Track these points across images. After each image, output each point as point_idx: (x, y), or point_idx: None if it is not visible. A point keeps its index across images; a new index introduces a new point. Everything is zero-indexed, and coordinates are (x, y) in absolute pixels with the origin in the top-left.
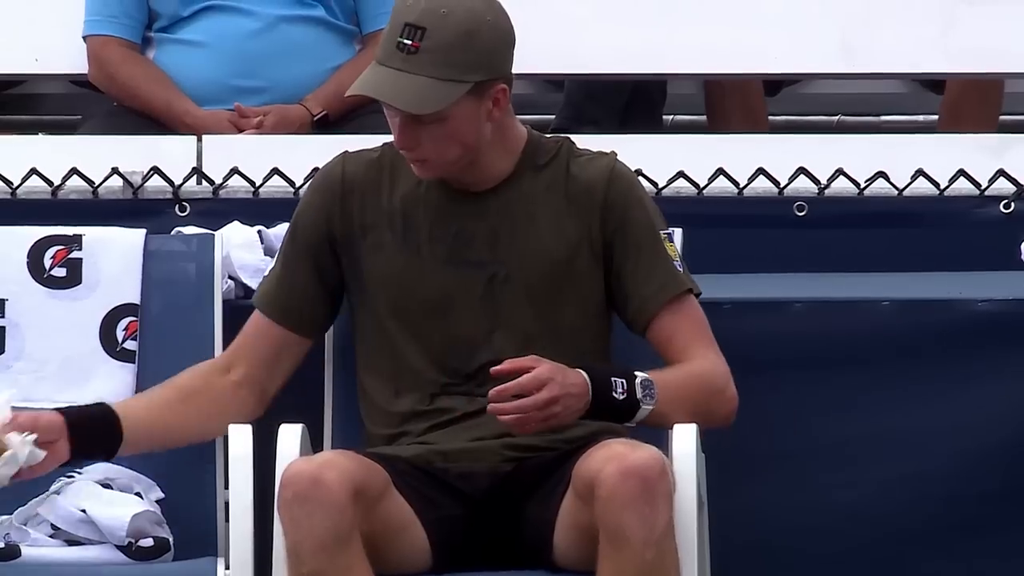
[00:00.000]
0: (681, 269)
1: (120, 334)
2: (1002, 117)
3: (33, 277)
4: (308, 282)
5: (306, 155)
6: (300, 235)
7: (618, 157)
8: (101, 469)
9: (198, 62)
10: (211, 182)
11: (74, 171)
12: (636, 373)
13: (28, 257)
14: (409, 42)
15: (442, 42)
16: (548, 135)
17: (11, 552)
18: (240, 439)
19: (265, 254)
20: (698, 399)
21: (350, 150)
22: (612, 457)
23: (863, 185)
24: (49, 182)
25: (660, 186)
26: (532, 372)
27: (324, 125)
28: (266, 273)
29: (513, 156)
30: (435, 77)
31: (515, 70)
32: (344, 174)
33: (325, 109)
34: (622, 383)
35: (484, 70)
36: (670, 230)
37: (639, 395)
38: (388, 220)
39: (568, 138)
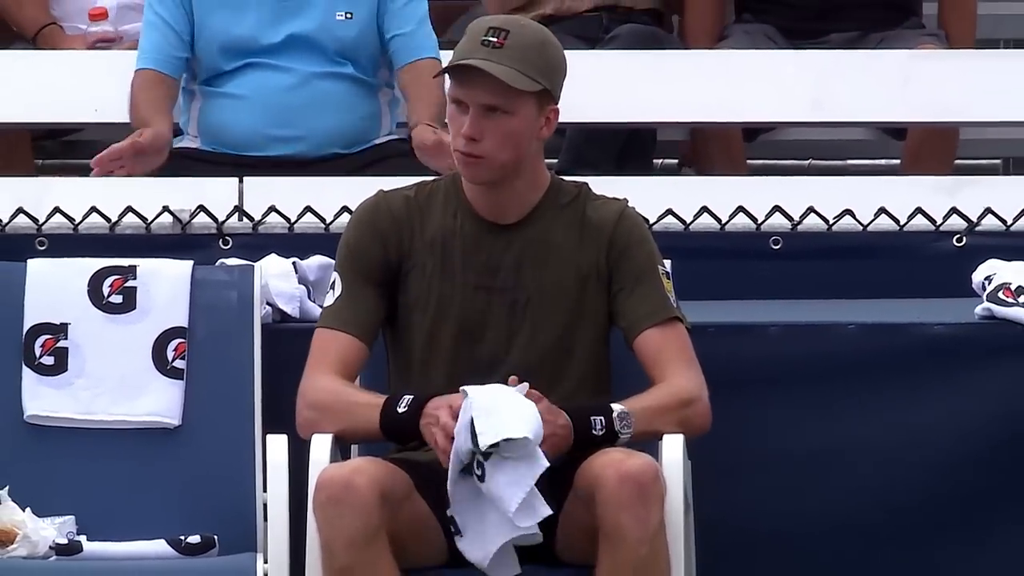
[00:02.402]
0: (674, 303)
1: (170, 354)
2: (956, 161)
3: (93, 303)
4: (376, 303)
5: (335, 195)
6: (362, 263)
7: (629, 203)
8: None
9: (241, 114)
10: (251, 219)
11: (129, 209)
12: (613, 407)
13: (88, 286)
14: (495, 39)
15: (522, 43)
16: (566, 180)
17: (74, 547)
18: (277, 447)
19: (299, 283)
20: (670, 416)
21: (383, 189)
22: (611, 463)
23: (831, 222)
24: (107, 218)
25: (651, 222)
26: None
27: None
28: (327, 304)
29: (538, 192)
30: (517, 69)
31: None
32: (389, 209)
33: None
34: (601, 420)
35: (549, 81)
36: (667, 268)
37: (617, 427)
38: (428, 248)
39: (587, 184)
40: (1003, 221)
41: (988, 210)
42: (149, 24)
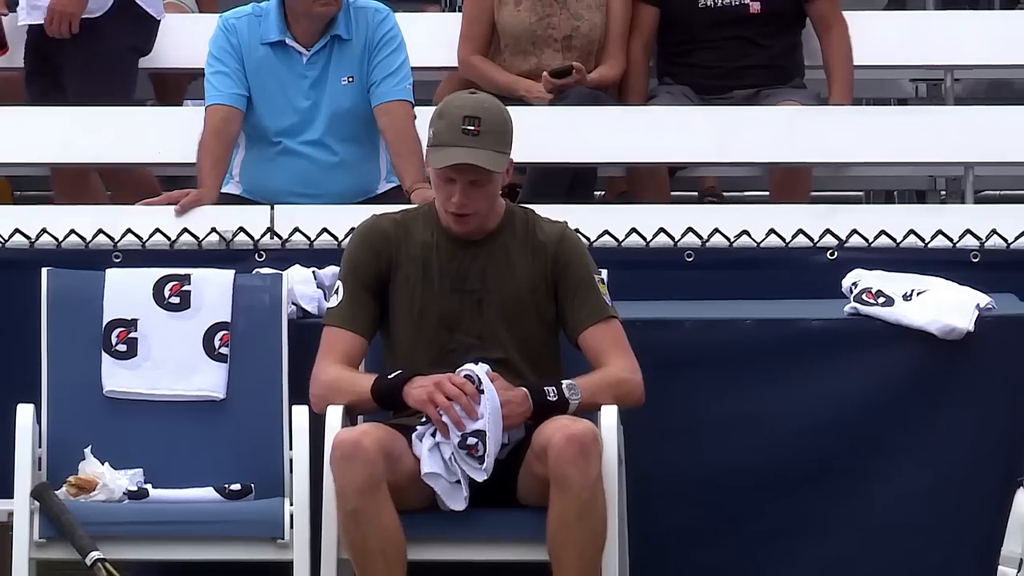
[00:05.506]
0: (609, 303)
1: (216, 343)
2: (826, 192)
3: (156, 303)
4: (371, 305)
5: (345, 220)
6: (360, 273)
7: (568, 225)
8: None
9: (273, 176)
10: (280, 237)
11: (185, 230)
12: (563, 381)
13: (153, 289)
14: (472, 127)
15: (493, 126)
16: (518, 206)
17: (141, 493)
18: (300, 416)
19: (317, 287)
20: (610, 391)
21: (375, 213)
22: (560, 428)
23: (732, 240)
24: (167, 237)
25: (592, 240)
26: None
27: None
28: (332, 306)
29: (498, 217)
30: (494, 150)
31: None
32: (381, 228)
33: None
34: (553, 389)
35: (509, 147)
36: (603, 275)
37: (567, 395)
38: (412, 260)
39: (533, 210)
40: (866, 240)
41: (854, 231)
42: (217, 72)
